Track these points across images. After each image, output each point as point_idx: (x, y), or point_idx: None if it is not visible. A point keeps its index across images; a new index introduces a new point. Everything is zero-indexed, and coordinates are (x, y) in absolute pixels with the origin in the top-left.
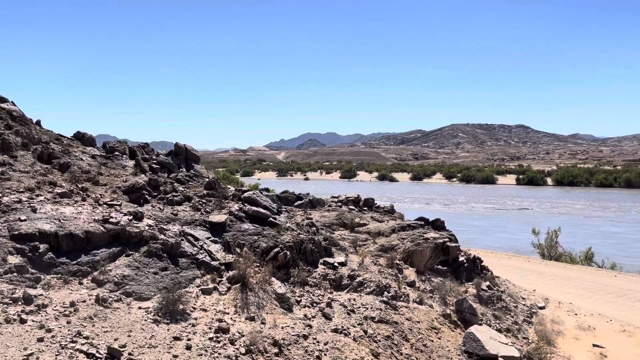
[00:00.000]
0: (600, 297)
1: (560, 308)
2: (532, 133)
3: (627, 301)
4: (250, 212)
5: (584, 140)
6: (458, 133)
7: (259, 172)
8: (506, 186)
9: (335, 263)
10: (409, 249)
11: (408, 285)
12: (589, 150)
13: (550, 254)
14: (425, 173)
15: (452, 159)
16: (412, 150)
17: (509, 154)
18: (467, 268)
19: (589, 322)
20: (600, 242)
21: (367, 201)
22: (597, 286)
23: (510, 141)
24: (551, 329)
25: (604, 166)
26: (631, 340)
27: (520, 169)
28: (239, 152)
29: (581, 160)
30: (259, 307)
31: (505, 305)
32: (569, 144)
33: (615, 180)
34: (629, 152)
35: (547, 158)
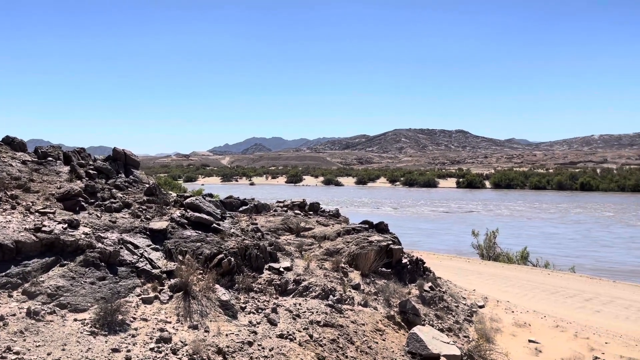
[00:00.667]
0: (535, 294)
1: (498, 306)
2: (471, 138)
3: (559, 298)
4: (193, 218)
5: (519, 145)
6: (401, 138)
7: (202, 178)
8: (447, 189)
9: (280, 268)
10: (354, 252)
11: (353, 288)
12: (523, 155)
13: (489, 254)
14: (369, 177)
15: (395, 163)
16: (356, 155)
17: (450, 158)
18: (410, 270)
19: (525, 319)
20: (540, 242)
21: (313, 205)
22: (532, 284)
23: (451, 145)
24: (490, 326)
25: (538, 169)
26: (564, 335)
27: (460, 172)
28: (182, 157)
29: (517, 164)
30: (203, 315)
31: (447, 305)
32: (505, 148)
33: (548, 183)
34: (560, 156)
35: (486, 162)
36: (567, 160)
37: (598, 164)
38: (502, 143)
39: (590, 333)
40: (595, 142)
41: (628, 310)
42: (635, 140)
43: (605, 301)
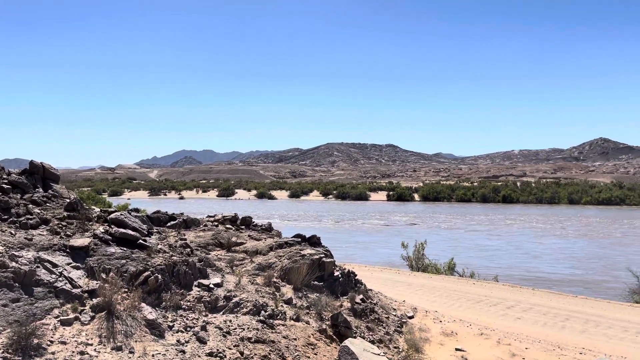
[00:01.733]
0: (461, 303)
1: (427, 316)
2: (401, 152)
3: (484, 306)
4: (118, 234)
5: (446, 159)
6: (333, 152)
7: (128, 192)
8: (379, 202)
9: (210, 284)
10: (286, 266)
11: (285, 303)
12: (450, 168)
13: (418, 265)
14: (303, 190)
15: (328, 176)
16: (290, 168)
17: (381, 172)
18: (342, 282)
19: (452, 328)
20: (475, 254)
21: (245, 220)
22: (458, 294)
23: (382, 159)
24: (419, 336)
25: (463, 183)
26: (488, 342)
27: (391, 185)
28: (107, 170)
29: (444, 177)
30: (127, 335)
31: (378, 316)
32: (433, 162)
33: (473, 196)
34: (483, 169)
35: (415, 175)
36: (490, 174)
37: (518, 178)
38: (430, 157)
39: (512, 339)
40: (516, 157)
41: (546, 316)
42: (551, 155)
43: (525, 308)
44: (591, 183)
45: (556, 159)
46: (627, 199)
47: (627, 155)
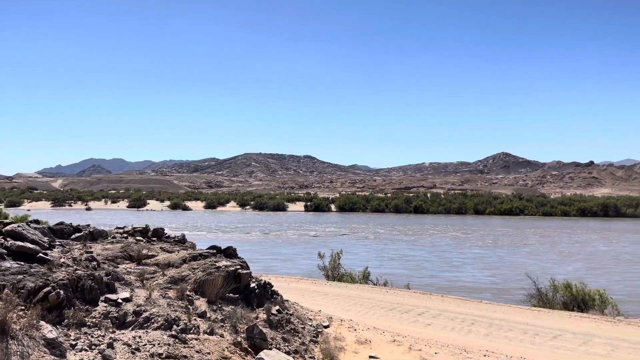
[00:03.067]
0: (375, 311)
1: (342, 325)
2: (318, 163)
3: (396, 314)
4: (14, 247)
5: (362, 171)
6: (251, 162)
7: (28, 202)
8: (296, 213)
9: (118, 299)
10: (200, 278)
11: (199, 316)
12: (365, 180)
13: (334, 275)
14: (219, 201)
15: (245, 187)
16: (206, 179)
17: (298, 183)
18: (259, 294)
19: (366, 336)
20: (399, 264)
21: (157, 231)
22: (372, 302)
23: (299, 170)
24: (334, 345)
25: (378, 194)
26: (400, 349)
27: (308, 196)
28: (4, 179)
29: (359, 188)
30: (23, 356)
31: (294, 327)
32: (349, 173)
33: (386, 206)
34: (396, 181)
35: (331, 186)
36: (403, 185)
37: (428, 189)
38: (346, 169)
39: (422, 345)
40: (426, 169)
41: (454, 321)
42: (458, 168)
43: (435, 314)
44: (494, 194)
45: (463, 171)
46: (526, 210)
47: (526, 169)
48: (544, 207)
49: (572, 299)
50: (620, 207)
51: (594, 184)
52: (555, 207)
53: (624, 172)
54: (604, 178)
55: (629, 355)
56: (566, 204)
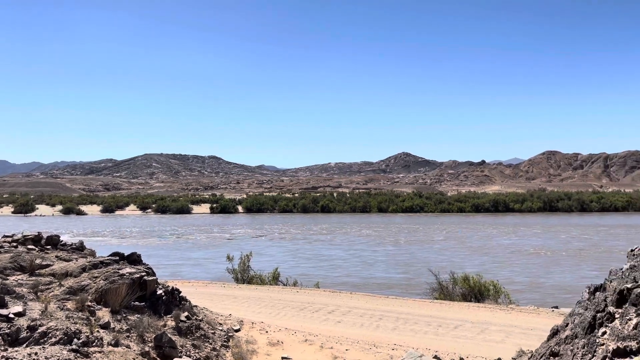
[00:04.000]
0: (286, 312)
1: (253, 328)
2: (224, 164)
3: (307, 313)
4: None
5: (269, 171)
6: (152, 163)
7: None
8: (202, 215)
9: (10, 314)
10: (102, 287)
11: (102, 328)
12: (273, 180)
13: (244, 277)
14: (118, 204)
15: (146, 189)
16: (102, 181)
17: (203, 184)
18: (166, 301)
19: (278, 337)
20: (315, 263)
21: (51, 239)
22: (283, 303)
23: (204, 171)
24: (246, 349)
25: (285, 194)
26: (312, 348)
27: (214, 198)
28: None
29: (267, 189)
30: None
31: (204, 333)
32: (256, 174)
33: (294, 206)
34: (303, 181)
35: (238, 187)
36: (310, 185)
37: (334, 189)
38: (254, 169)
39: (333, 342)
40: (332, 169)
41: (362, 317)
42: (362, 167)
43: (344, 312)
44: (396, 193)
45: (367, 171)
46: (425, 207)
47: (425, 168)
48: (442, 204)
49: (470, 290)
50: (509, 202)
51: (486, 182)
52: (452, 204)
53: (511, 171)
54: (495, 176)
55: (521, 340)
56: (462, 201)
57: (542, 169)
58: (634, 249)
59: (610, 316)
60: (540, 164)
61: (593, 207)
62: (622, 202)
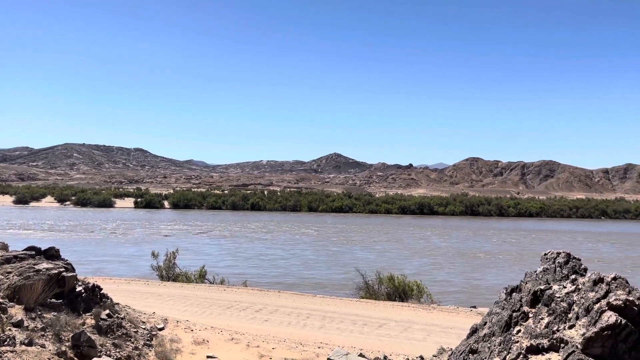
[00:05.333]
0: (212, 310)
1: (178, 327)
2: (151, 157)
3: (234, 311)
4: None
5: (198, 167)
6: (73, 153)
7: None
8: (125, 209)
9: None
10: (15, 283)
11: (14, 326)
12: (202, 176)
13: (169, 275)
14: (33, 195)
15: (66, 180)
16: (16, 170)
17: (128, 177)
18: (86, 298)
19: (204, 336)
20: (255, 263)
21: None
22: (209, 301)
23: (129, 164)
24: (170, 348)
25: (215, 190)
26: (238, 347)
27: (139, 192)
28: None
29: (195, 184)
30: None
31: (126, 332)
32: (184, 169)
33: (223, 203)
34: (234, 178)
35: (165, 182)
36: (240, 183)
37: (265, 187)
38: (182, 164)
39: (260, 341)
40: (264, 167)
41: (290, 316)
42: (294, 166)
43: (272, 310)
44: (327, 193)
45: (299, 170)
46: (354, 207)
47: (355, 169)
48: (370, 205)
49: (394, 290)
50: (433, 205)
51: (413, 185)
52: (380, 205)
53: (437, 175)
54: (421, 180)
55: (441, 338)
56: (389, 203)
57: (465, 175)
58: (547, 253)
59: (524, 315)
60: (463, 169)
61: (510, 212)
62: (536, 209)
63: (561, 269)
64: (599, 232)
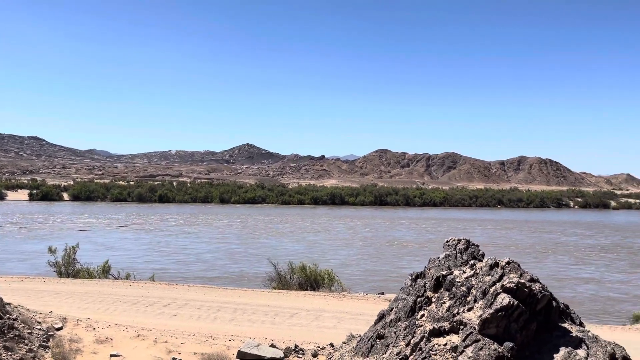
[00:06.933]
0: (117, 307)
1: (78, 325)
2: (48, 146)
3: (141, 307)
4: None
5: (101, 156)
6: None
7: None
8: (18, 202)
9: None
10: None
11: None
12: (105, 166)
13: (68, 271)
14: None
15: None
16: None
17: (21, 167)
18: None
19: (107, 334)
20: (178, 257)
21: None
22: (114, 297)
23: (23, 153)
24: (69, 348)
25: (119, 182)
26: (144, 343)
27: (34, 183)
28: None
29: (98, 175)
30: None
31: (18, 333)
32: (86, 159)
33: (129, 195)
34: (140, 169)
35: (64, 172)
36: (148, 173)
37: (175, 178)
38: (83, 154)
39: (168, 336)
40: (173, 157)
41: (200, 310)
42: (205, 157)
43: (181, 305)
44: (239, 184)
45: (210, 161)
46: (267, 198)
47: (268, 160)
48: (284, 196)
49: (306, 279)
50: (345, 196)
51: (325, 176)
52: (292, 196)
53: (348, 166)
54: (333, 171)
55: (351, 325)
56: (302, 193)
57: (374, 166)
58: (448, 240)
59: (428, 300)
60: (373, 161)
61: (416, 202)
62: (439, 198)
63: (461, 255)
64: (496, 219)
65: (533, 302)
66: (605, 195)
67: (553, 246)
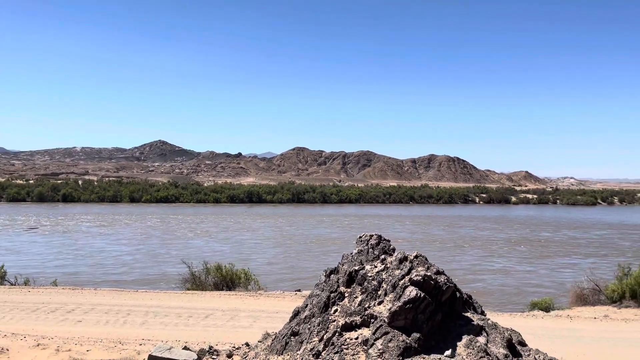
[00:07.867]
0: (14, 315)
1: None
2: None
3: (41, 314)
4: None
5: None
6: None
7: None
8: None
9: None
10: None
11: None
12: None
13: None
14: None
15: None
16: None
17: None
18: None
19: (3, 344)
20: (93, 261)
21: None
22: (10, 305)
23: None
24: None
25: (17, 180)
26: (45, 353)
27: None
28: None
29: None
30: None
31: None
32: None
33: (28, 195)
34: (41, 166)
35: None
36: (49, 171)
37: (80, 176)
38: None
39: (72, 344)
40: (78, 154)
41: (108, 314)
42: (113, 154)
43: (86, 310)
44: (151, 182)
45: (119, 158)
46: (181, 197)
47: (182, 158)
48: (199, 195)
49: (222, 279)
50: (262, 194)
51: (242, 174)
52: (208, 194)
53: (265, 164)
54: (250, 168)
55: (267, 324)
56: (218, 192)
57: (292, 164)
58: (361, 236)
59: (341, 295)
60: (290, 158)
61: (333, 199)
62: (355, 195)
63: (373, 250)
64: (410, 215)
65: (439, 294)
66: (507, 192)
67: (470, 240)
